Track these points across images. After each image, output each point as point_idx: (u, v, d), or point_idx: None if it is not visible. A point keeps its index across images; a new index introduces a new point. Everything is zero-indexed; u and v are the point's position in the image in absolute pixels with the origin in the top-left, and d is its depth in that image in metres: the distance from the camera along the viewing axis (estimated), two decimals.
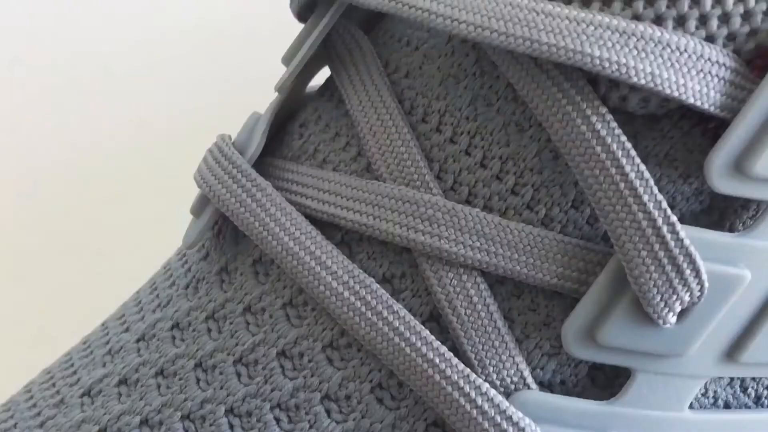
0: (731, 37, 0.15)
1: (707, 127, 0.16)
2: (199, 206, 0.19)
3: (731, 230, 0.16)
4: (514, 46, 0.15)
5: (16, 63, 0.34)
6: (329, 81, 0.19)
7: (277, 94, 0.19)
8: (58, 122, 0.33)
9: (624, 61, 0.15)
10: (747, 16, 0.15)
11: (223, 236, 0.19)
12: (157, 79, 0.34)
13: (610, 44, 0.15)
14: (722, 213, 0.16)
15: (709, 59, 0.15)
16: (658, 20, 0.15)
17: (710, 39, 0.15)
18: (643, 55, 0.15)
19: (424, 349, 0.16)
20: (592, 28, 0.15)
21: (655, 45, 0.15)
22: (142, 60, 0.34)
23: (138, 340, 0.19)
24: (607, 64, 0.15)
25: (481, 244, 0.16)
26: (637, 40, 0.15)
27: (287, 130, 0.20)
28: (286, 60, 0.19)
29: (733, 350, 0.16)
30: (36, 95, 0.34)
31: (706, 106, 0.15)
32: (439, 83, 0.17)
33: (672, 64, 0.15)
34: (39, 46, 0.34)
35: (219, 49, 0.33)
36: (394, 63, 0.18)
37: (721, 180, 0.15)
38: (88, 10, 0.34)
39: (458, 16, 0.15)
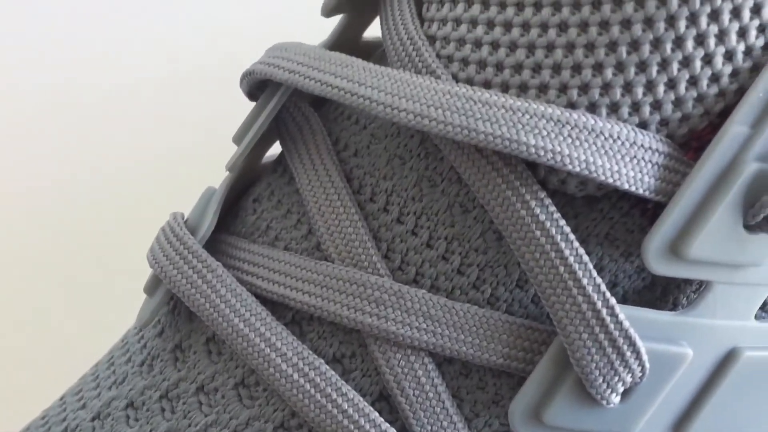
0: (664, 123, 0.16)
1: (646, 207, 0.16)
2: (152, 285, 0.19)
3: (675, 305, 0.17)
4: (452, 134, 0.15)
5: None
6: (282, 156, 0.20)
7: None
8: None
9: (559, 149, 0.15)
10: (678, 102, 0.15)
11: (177, 312, 0.19)
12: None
13: (545, 132, 0.15)
14: (665, 289, 0.17)
15: (642, 146, 0.15)
16: (592, 107, 0.15)
17: (643, 125, 0.15)
18: (577, 143, 0.15)
19: (372, 431, 0.16)
20: (527, 116, 0.15)
21: (589, 133, 0.15)
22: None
23: (93, 419, 0.19)
24: (542, 153, 0.15)
25: (427, 325, 0.16)
26: (572, 128, 0.15)
27: (241, 204, 0.20)
28: (237, 139, 0.19)
29: (679, 427, 0.16)
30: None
31: (641, 191, 0.15)
32: (386, 163, 0.18)
33: (606, 152, 0.15)
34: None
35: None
36: (344, 140, 0.18)
37: (658, 262, 0.15)
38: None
39: (398, 104, 0.16)
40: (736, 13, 0.15)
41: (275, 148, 0.20)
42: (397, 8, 0.18)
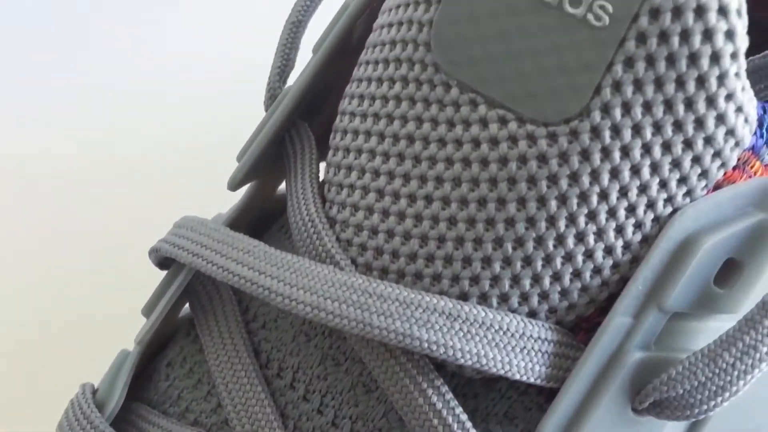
0: (552, 311, 0.16)
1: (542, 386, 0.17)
2: None
3: None
4: (348, 328, 0.16)
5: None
6: (194, 322, 0.20)
7: None
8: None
9: (451, 343, 0.16)
10: (564, 293, 0.16)
11: None
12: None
13: (437, 327, 0.16)
14: None
15: (531, 336, 0.16)
16: (484, 297, 0.16)
17: (533, 314, 0.16)
18: (468, 336, 0.16)
19: None
20: (420, 310, 0.16)
21: (480, 326, 0.16)
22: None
23: None
24: (435, 347, 0.16)
25: None
26: (463, 322, 0.16)
27: (155, 367, 0.20)
28: (146, 311, 0.20)
29: None
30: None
31: (532, 380, 0.16)
32: (292, 339, 0.18)
33: (497, 344, 0.16)
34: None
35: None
36: (253, 310, 0.19)
37: None
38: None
39: (296, 296, 0.16)
40: (612, 212, 0.16)
41: None
42: (300, 186, 0.18)
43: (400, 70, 0.17)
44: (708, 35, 0.15)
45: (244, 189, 0.21)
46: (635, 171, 0.15)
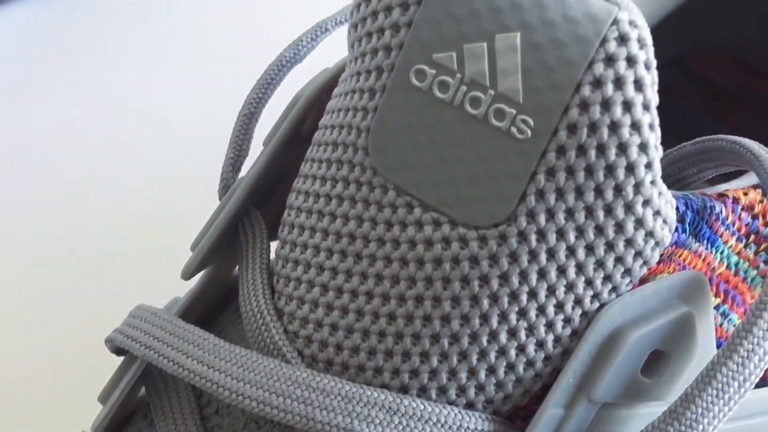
0: (489, 402, 0.17)
1: None
2: None
3: None
4: (293, 422, 0.17)
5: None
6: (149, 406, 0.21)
7: None
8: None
9: None
10: (499, 385, 0.17)
11: None
12: None
13: (377, 421, 0.17)
14: None
15: (468, 427, 0.17)
16: (423, 390, 0.17)
17: (470, 405, 0.17)
18: (407, 430, 0.17)
19: None
20: (361, 405, 0.17)
21: (418, 419, 0.17)
22: None
23: None
24: None
25: None
26: (402, 415, 0.17)
27: None
28: (103, 398, 0.20)
29: None
30: None
31: None
32: (243, 426, 0.19)
33: None
34: None
35: None
36: (207, 396, 0.20)
37: None
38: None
39: (243, 390, 0.17)
40: (541, 309, 0.17)
41: None
42: (251, 276, 0.19)
43: (342, 171, 0.18)
44: (622, 148, 0.16)
45: None
46: (561, 271, 0.16)
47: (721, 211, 0.20)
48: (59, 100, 0.41)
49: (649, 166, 0.16)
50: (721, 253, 0.20)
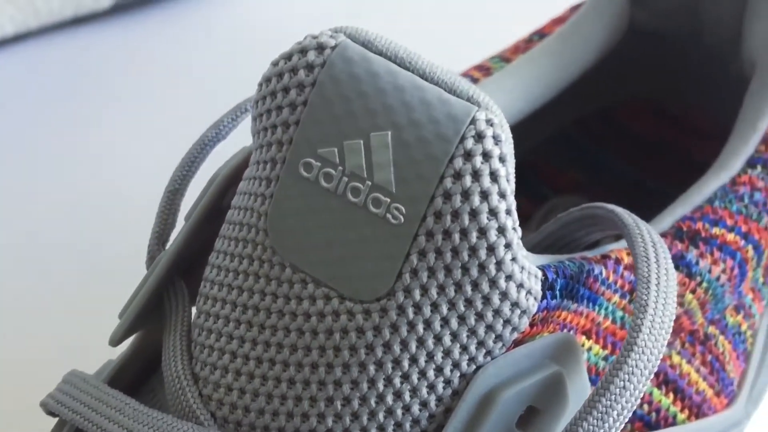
0: None
1: None
2: None
3: None
4: None
5: None
6: None
7: None
8: None
9: None
10: None
11: None
12: None
13: None
14: None
15: None
16: None
17: None
18: None
19: None
20: None
21: None
22: None
23: None
24: None
25: None
26: None
27: None
28: None
29: None
30: None
31: None
32: None
33: None
34: None
35: None
36: None
37: None
38: None
39: None
40: (422, 373, 0.19)
41: None
42: (172, 343, 0.21)
43: (247, 249, 0.20)
44: (482, 232, 0.18)
45: None
46: (438, 339, 0.18)
47: (601, 273, 0.22)
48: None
49: (508, 246, 0.18)
50: (605, 309, 0.22)
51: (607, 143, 0.36)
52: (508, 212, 0.18)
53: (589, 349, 0.22)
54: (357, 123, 0.18)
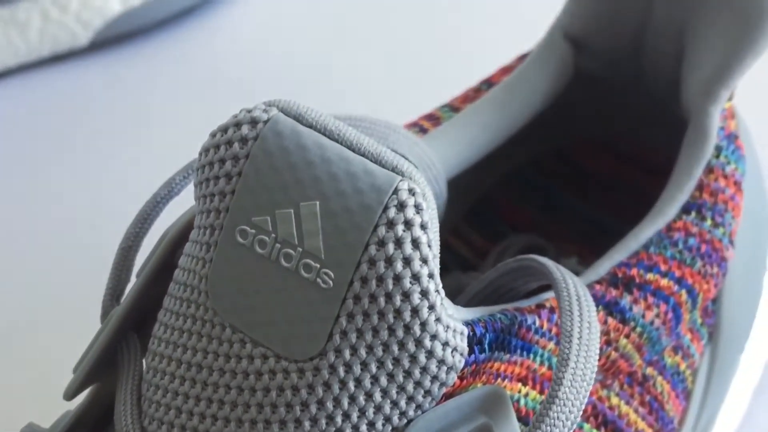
0: None
1: None
2: None
3: None
4: None
5: None
6: None
7: None
8: None
9: None
10: None
11: None
12: None
13: None
14: None
15: None
16: None
17: None
18: None
19: None
20: None
21: None
22: None
23: None
24: None
25: None
26: None
27: None
28: None
29: None
30: None
31: None
32: None
33: None
34: None
35: None
36: None
37: None
38: None
39: None
40: (356, 428, 0.20)
41: None
42: (123, 397, 0.22)
43: (190, 309, 0.21)
44: (406, 295, 0.19)
45: None
46: (369, 396, 0.19)
47: (534, 322, 0.23)
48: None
49: (431, 307, 0.19)
50: (541, 356, 0.23)
51: (562, 181, 0.37)
52: (431, 276, 0.19)
53: (526, 394, 0.23)
54: (287, 193, 0.19)
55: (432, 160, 0.27)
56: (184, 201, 0.25)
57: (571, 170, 0.37)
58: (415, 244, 0.19)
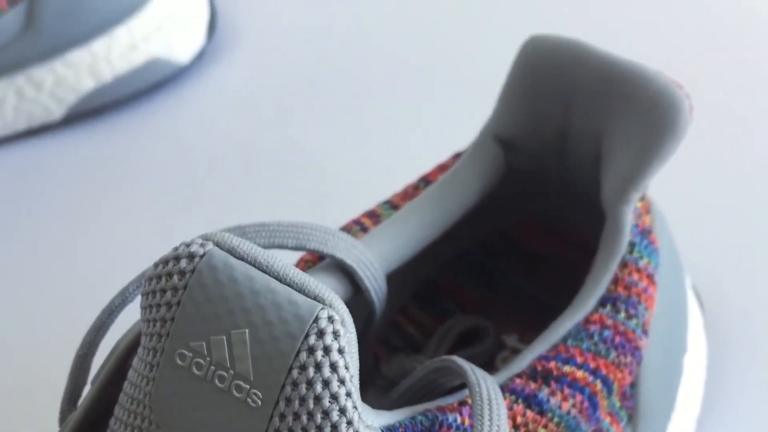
0: None
1: None
2: None
3: None
4: None
5: None
6: None
7: None
8: None
9: None
10: None
11: None
12: None
13: None
14: None
15: None
16: None
17: None
18: None
19: None
20: None
21: None
22: None
23: None
24: None
25: None
26: None
27: None
28: None
29: None
30: None
31: None
32: None
33: None
34: None
35: None
36: None
37: None
38: None
39: None
40: None
41: None
42: None
43: (136, 420, 0.23)
44: (326, 413, 0.21)
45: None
46: None
47: (456, 420, 0.25)
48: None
49: (350, 423, 0.21)
50: None
51: (505, 260, 0.39)
52: (348, 395, 0.21)
53: None
54: (220, 322, 0.21)
55: (370, 260, 0.29)
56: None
57: (513, 249, 0.39)
58: (333, 367, 0.21)
